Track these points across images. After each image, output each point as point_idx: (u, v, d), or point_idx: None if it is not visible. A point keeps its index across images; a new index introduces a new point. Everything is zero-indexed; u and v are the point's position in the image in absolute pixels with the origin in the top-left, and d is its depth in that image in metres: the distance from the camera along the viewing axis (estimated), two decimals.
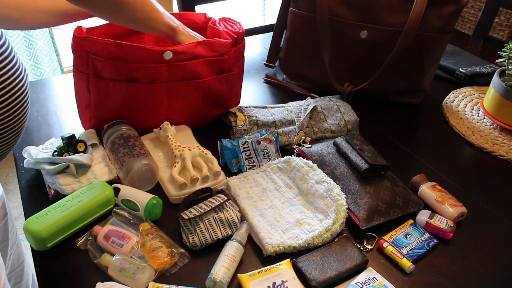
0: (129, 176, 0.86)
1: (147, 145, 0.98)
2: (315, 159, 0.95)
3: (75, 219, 0.78)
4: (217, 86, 1.02)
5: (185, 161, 0.90)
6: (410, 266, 0.76)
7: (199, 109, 1.04)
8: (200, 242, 0.77)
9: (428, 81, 1.25)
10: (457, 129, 1.16)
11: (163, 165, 0.94)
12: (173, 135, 0.97)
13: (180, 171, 0.90)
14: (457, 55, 1.48)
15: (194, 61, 0.95)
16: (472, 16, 2.54)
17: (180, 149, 0.92)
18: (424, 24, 1.10)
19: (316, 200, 0.85)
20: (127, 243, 0.75)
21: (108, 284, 0.69)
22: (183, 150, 0.92)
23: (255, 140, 0.96)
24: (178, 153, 0.92)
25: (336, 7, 1.14)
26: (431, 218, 0.83)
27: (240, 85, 1.11)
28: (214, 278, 0.70)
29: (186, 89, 0.98)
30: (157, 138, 1.01)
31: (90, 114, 0.99)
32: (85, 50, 0.90)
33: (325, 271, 0.73)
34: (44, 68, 2.29)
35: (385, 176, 0.89)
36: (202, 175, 0.89)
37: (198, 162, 0.91)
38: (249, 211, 0.83)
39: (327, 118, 1.08)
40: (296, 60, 1.27)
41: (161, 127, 0.99)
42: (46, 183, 0.88)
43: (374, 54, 1.16)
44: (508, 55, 1.12)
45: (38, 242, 0.75)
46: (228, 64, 1.02)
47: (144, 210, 0.81)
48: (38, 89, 1.24)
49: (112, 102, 0.96)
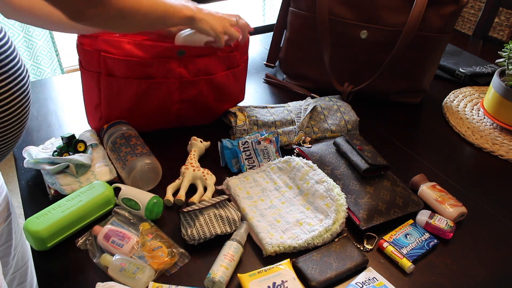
0: (132, 175, 0.86)
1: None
2: (315, 159, 0.95)
3: (75, 219, 0.78)
4: (225, 81, 1.03)
5: (183, 180, 0.90)
6: (410, 266, 0.76)
7: (209, 105, 1.05)
8: (198, 235, 0.77)
9: (428, 81, 1.25)
10: (457, 129, 1.16)
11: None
12: (196, 151, 0.96)
13: (177, 187, 0.90)
14: (457, 55, 1.48)
15: (206, 57, 0.96)
16: (472, 16, 2.54)
17: (188, 167, 0.92)
18: (424, 24, 1.10)
19: (316, 200, 0.85)
20: (127, 243, 0.75)
21: (108, 284, 0.69)
22: (187, 169, 0.91)
23: (255, 140, 0.96)
24: (183, 170, 0.92)
25: (336, 7, 1.14)
26: (431, 218, 0.83)
27: (245, 81, 1.13)
28: (213, 278, 0.70)
29: (197, 85, 0.99)
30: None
31: (100, 113, 0.98)
32: (95, 48, 0.90)
33: (325, 271, 0.73)
34: (44, 68, 2.29)
35: (385, 176, 0.89)
36: (194, 198, 0.87)
37: (197, 184, 0.91)
38: (249, 211, 0.83)
39: (327, 118, 1.08)
40: (296, 60, 1.27)
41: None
42: (46, 183, 0.88)
43: (374, 54, 1.16)
44: (508, 55, 1.12)
45: (38, 242, 0.75)
46: (236, 60, 1.03)
47: (145, 209, 0.81)
48: (38, 89, 1.24)
49: (123, 100, 0.96)
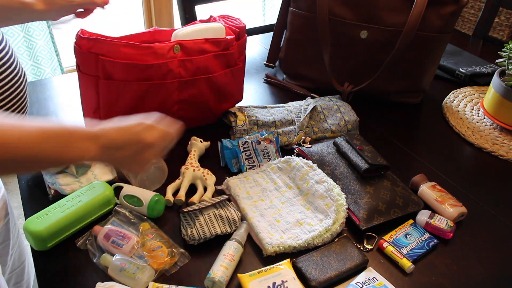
0: (139, 176, 0.86)
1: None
2: (315, 159, 0.95)
3: (75, 219, 0.78)
4: (224, 81, 1.03)
5: (183, 180, 0.90)
6: (410, 266, 0.76)
7: (208, 105, 1.05)
8: (198, 235, 0.77)
9: (428, 81, 1.25)
10: (457, 129, 1.16)
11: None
12: (196, 151, 0.96)
13: (177, 187, 0.89)
14: (457, 55, 1.48)
15: (204, 56, 0.96)
16: (472, 16, 2.54)
17: (188, 167, 0.92)
18: (424, 24, 1.10)
19: (316, 200, 0.85)
20: (127, 243, 0.75)
21: (108, 284, 0.69)
22: (187, 169, 0.91)
23: (255, 140, 0.96)
24: (183, 170, 0.92)
25: (336, 7, 1.14)
26: (431, 218, 0.83)
27: (243, 80, 1.12)
28: (212, 278, 0.70)
29: (196, 85, 0.99)
30: None
31: (99, 117, 0.98)
32: (93, 52, 0.89)
33: (325, 271, 0.73)
34: (44, 68, 2.29)
35: (385, 176, 0.89)
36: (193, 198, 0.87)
37: (197, 184, 0.90)
38: (249, 211, 0.83)
39: (327, 118, 1.08)
40: (296, 60, 1.27)
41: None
42: (46, 183, 0.88)
43: (374, 54, 1.16)
44: (508, 55, 1.12)
45: (38, 242, 0.75)
46: (234, 58, 1.03)
47: (148, 206, 0.81)
48: (38, 89, 1.24)
49: (123, 103, 0.95)
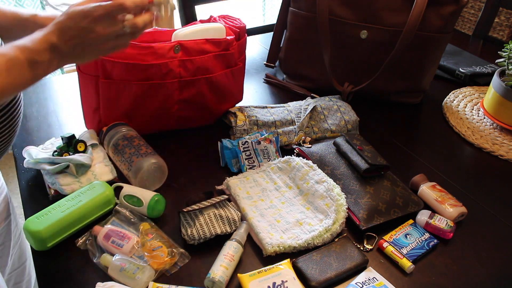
0: (139, 176, 0.86)
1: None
2: (315, 159, 0.95)
3: (75, 219, 0.78)
4: (225, 81, 1.03)
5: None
6: (410, 266, 0.76)
7: (208, 105, 1.05)
8: (198, 235, 0.77)
9: (428, 81, 1.24)
10: (457, 129, 1.16)
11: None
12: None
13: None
14: (457, 55, 1.48)
15: (204, 56, 0.96)
16: (472, 16, 2.54)
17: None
18: (424, 24, 1.10)
19: (316, 200, 0.85)
20: (127, 243, 0.75)
21: (108, 284, 0.69)
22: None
23: (255, 140, 0.96)
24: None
25: (336, 7, 1.14)
26: (431, 218, 0.83)
27: (243, 80, 1.12)
28: (212, 278, 0.70)
29: (196, 85, 0.99)
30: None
31: (99, 117, 0.98)
32: None
33: (325, 271, 0.73)
34: None
35: (385, 176, 0.89)
36: None
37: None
38: (249, 211, 0.83)
39: (327, 118, 1.08)
40: (296, 60, 1.27)
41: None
42: (46, 183, 0.88)
43: (374, 54, 1.16)
44: (508, 55, 1.12)
45: (38, 242, 0.75)
46: (234, 58, 1.03)
47: (148, 205, 0.81)
48: (38, 89, 1.24)
49: (123, 103, 0.95)
